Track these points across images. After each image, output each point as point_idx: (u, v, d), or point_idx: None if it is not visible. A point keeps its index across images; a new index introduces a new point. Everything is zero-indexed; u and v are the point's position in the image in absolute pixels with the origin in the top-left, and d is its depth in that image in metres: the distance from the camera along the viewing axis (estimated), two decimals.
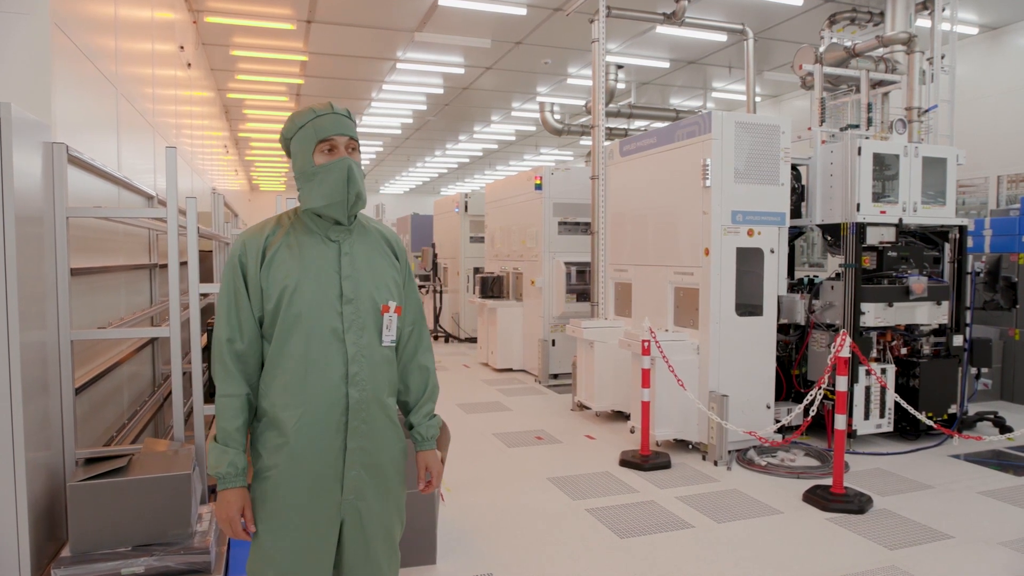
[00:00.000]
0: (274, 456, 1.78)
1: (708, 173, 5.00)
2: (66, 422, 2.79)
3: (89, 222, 3.38)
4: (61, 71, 3.04)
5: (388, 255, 1.93)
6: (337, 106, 1.83)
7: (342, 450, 1.79)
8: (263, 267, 1.79)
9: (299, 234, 1.83)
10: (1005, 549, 3.58)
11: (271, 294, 1.77)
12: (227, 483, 1.74)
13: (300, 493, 1.77)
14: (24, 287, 2.42)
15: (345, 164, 1.79)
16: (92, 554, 2.38)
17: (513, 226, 8.98)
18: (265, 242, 1.81)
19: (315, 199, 1.80)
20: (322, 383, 1.77)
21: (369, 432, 1.82)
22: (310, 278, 1.78)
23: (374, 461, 1.84)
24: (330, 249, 1.83)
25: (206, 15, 8.49)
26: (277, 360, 1.78)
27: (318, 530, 1.79)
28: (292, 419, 1.76)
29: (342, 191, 1.78)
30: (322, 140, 1.79)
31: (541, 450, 5.40)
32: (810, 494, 4.24)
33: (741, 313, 5.16)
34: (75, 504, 2.41)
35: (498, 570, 3.35)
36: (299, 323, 1.76)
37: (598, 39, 6.74)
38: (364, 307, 1.82)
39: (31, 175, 2.55)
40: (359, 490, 1.82)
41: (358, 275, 1.83)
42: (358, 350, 1.80)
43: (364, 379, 1.81)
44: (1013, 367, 6.87)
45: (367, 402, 1.81)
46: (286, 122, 1.87)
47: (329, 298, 1.79)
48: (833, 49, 6.74)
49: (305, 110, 1.83)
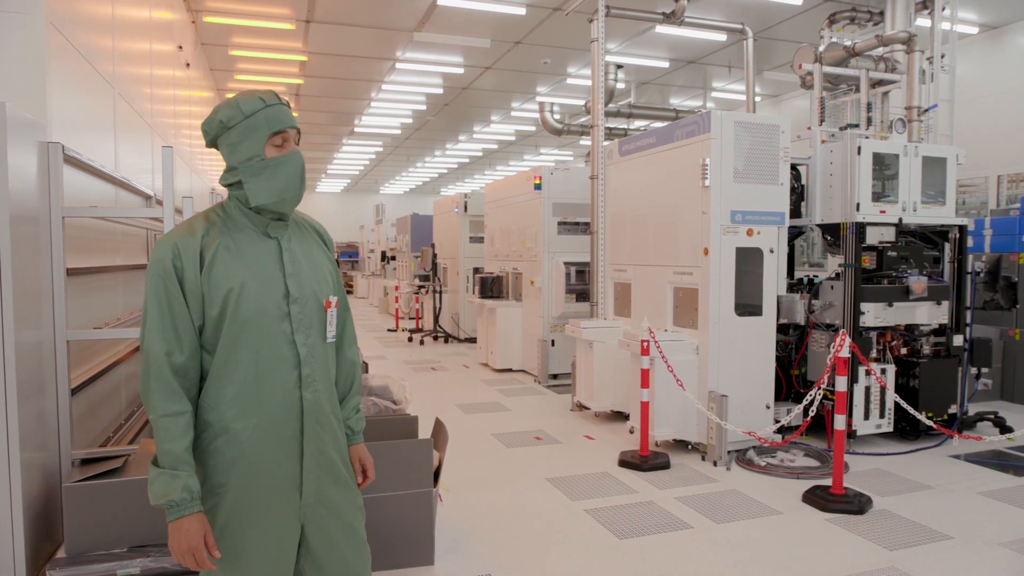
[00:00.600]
0: (225, 473, 1.67)
1: (707, 173, 4.99)
2: (62, 422, 2.78)
3: (86, 222, 3.37)
4: (57, 71, 3.03)
5: (323, 247, 1.87)
6: (280, 96, 1.75)
7: (299, 455, 1.73)
8: (203, 271, 1.65)
9: (233, 232, 1.72)
10: (1005, 550, 3.57)
11: (214, 300, 1.64)
12: (183, 510, 1.58)
13: (258, 506, 1.69)
14: (19, 287, 2.41)
15: (299, 159, 1.73)
16: (88, 555, 2.38)
17: (513, 226, 8.97)
18: (201, 243, 1.67)
19: (265, 194, 1.69)
20: (277, 389, 1.69)
21: (323, 434, 1.77)
22: (254, 279, 1.68)
23: (329, 461, 1.79)
24: (270, 246, 1.74)
25: (205, 15, 8.49)
26: (225, 370, 1.66)
27: (278, 540, 1.72)
28: (247, 430, 1.66)
29: (295, 186, 1.72)
30: (276, 132, 1.70)
31: (540, 450, 5.39)
32: (809, 494, 4.23)
33: (740, 313, 5.15)
34: (71, 505, 2.41)
35: (496, 571, 3.34)
36: (248, 328, 1.66)
37: (597, 39, 6.73)
38: (310, 305, 1.75)
39: (26, 175, 2.54)
40: (318, 492, 1.77)
41: (301, 272, 1.76)
42: (308, 351, 1.74)
43: (316, 380, 1.75)
44: (1013, 367, 6.86)
45: (319, 403, 1.76)
46: (222, 108, 1.71)
47: (276, 299, 1.70)
48: (833, 48, 6.73)
49: (250, 98, 1.70)
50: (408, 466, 3.22)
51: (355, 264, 26.31)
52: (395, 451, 3.20)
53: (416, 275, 12.98)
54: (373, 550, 2.26)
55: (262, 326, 1.68)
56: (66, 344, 2.79)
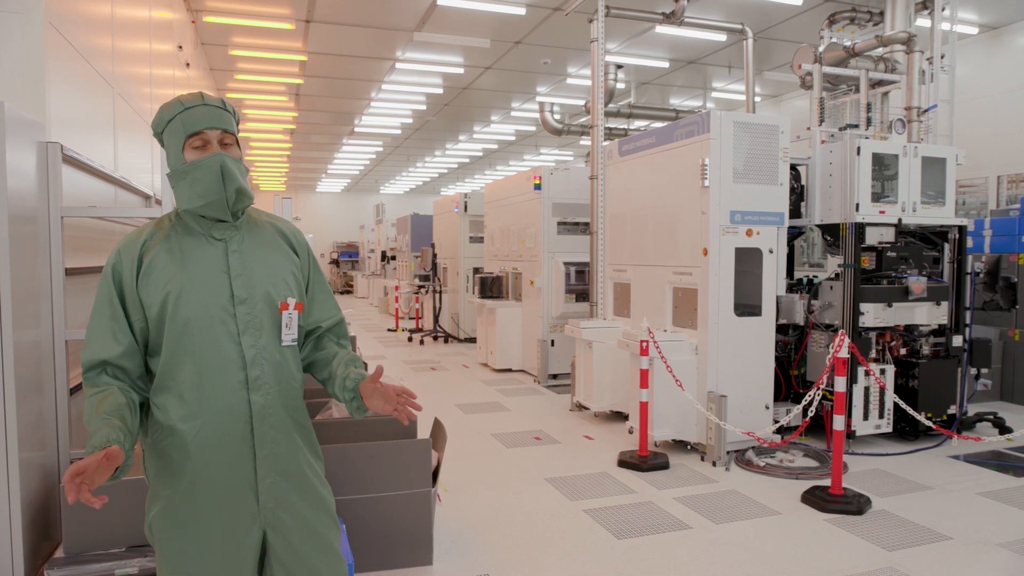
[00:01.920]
0: (174, 474, 1.66)
1: (706, 173, 4.99)
2: (61, 422, 2.78)
3: (85, 222, 3.37)
4: (56, 70, 3.03)
5: (285, 250, 1.82)
6: (209, 96, 1.71)
7: (251, 459, 1.69)
8: (140, 275, 1.66)
9: (180, 236, 1.71)
10: (1004, 550, 3.56)
11: (152, 304, 1.65)
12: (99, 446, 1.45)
13: (207, 508, 1.66)
14: (17, 286, 2.41)
15: (217, 160, 1.66)
16: (86, 555, 2.38)
17: (512, 226, 8.97)
18: (141, 249, 1.68)
19: (190, 199, 1.67)
20: (220, 390, 1.66)
21: (280, 438, 1.73)
22: (194, 281, 1.67)
23: (291, 468, 1.74)
24: (215, 249, 1.71)
25: (205, 15, 8.49)
26: (169, 370, 1.66)
27: (232, 544, 1.67)
28: (192, 431, 1.64)
29: (218, 189, 1.65)
30: (191, 135, 1.66)
31: (539, 450, 5.39)
32: (808, 495, 4.23)
33: (740, 313, 5.14)
34: (69, 505, 2.41)
35: (494, 571, 3.34)
36: (188, 329, 1.64)
37: (597, 39, 6.73)
38: (259, 307, 1.71)
39: (25, 174, 2.54)
40: (279, 498, 1.72)
41: (250, 273, 1.72)
42: (257, 352, 1.69)
43: (267, 382, 1.70)
44: (1013, 368, 6.86)
45: (272, 407, 1.71)
46: (155, 114, 1.72)
47: (219, 300, 1.67)
48: (832, 49, 6.73)
49: (173, 102, 1.69)
50: (406, 466, 3.22)
51: (355, 264, 26.32)
52: (393, 451, 3.20)
53: (416, 275, 12.98)
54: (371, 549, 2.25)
55: (204, 328, 1.65)
56: (64, 344, 2.79)
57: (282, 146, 18.77)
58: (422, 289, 12.47)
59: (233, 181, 1.66)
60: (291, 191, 27.91)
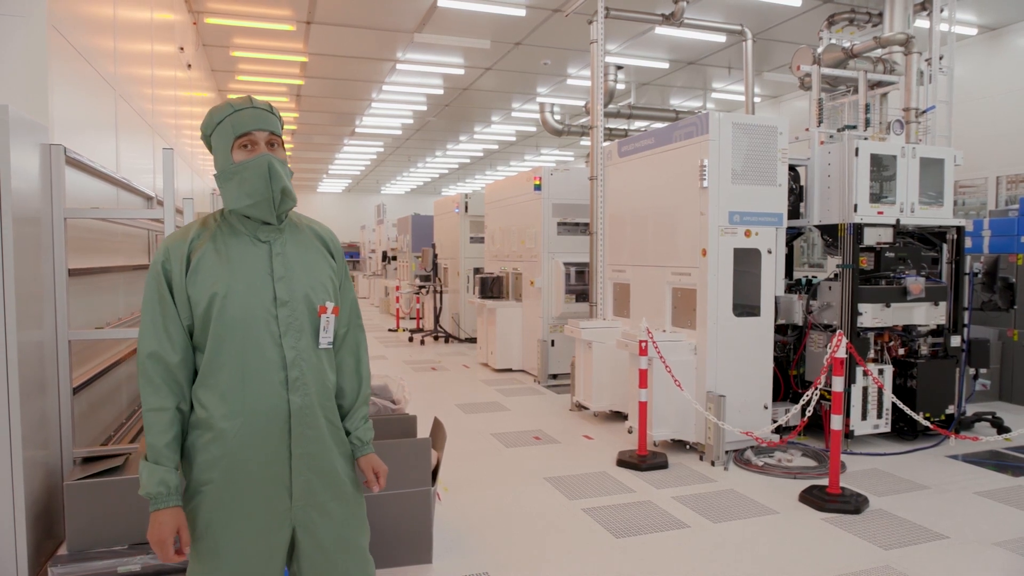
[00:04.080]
0: (211, 470, 1.69)
1: (705, 174, 5.01)
2: (64, 421, 2.81)
3: (88, 223, 3.40)
4: (59, 73, 3.06)
5: (323, 254, 1.86)
6: (257, 100, 1.75)
7: (287, 458, 1.73)
8: (188, 273, 1.70)
9: (226, 236, 1.75)
10: (1000, 550, 3.58)
11: (199, 301, 1.69)
12: (159, 503, 1.63)
13: (243, 505, 1.69)
14: (21, 287, 2.44)
15: (264, 160, 1.70)
16: (89, 552, 2.40)
17: (512, 226, 9.00)
18: (189, 247, 1.72)
19: (238, 199, 1.71)
20: (262, 390, 1.70)
21: (315, 437, 1.76)
22: (240, 282, 1.70)
23: (324, 467, 1.78)
24: (260, 250, 1.75)
25: (206, 16, 8.52)
26: (212, 368, 1.70)
27: (264, 541, 1.71)
28: (233, 429, 1.68)
29: (265, 189, 1.70)
30: (240, 136, 1.71)
31: (539, 450, 5.41)
32: (806, 494, 4.25)
33: (738, 314, 5.16)
34: (72, 502, 2.43)
35: (494, 569, 3.37)
36: (232, 329, 1.68)
37: (597, 40, 6.75)
38: (300, 309, 1.75)
39: (29, 176, 2.57)
40: (311, 497, 1.76)
41: (292, 276, 1.76)
42: (297, 354, 1.74)
43: (306, 383, 1.74)
44: (1011, 368, 6.87)
45: (310, 407, 1.75)
46: (205, 117, 1.78)
47: (263, 302, 1.72)
48: (831, 50, 6.76)
49: (223, 105, 1.75)
50: (406, 465, 3.24)
51: (356, 264, 26.34)
52: (393, 450, 3.22)
53: (417, 275, 13.00)
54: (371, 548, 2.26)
55: (248, 328, 1.69)
56: (68, 344, 2.81)
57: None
58: (423, 289, 12.49)
59: (279, 181, 1.71)
60: None
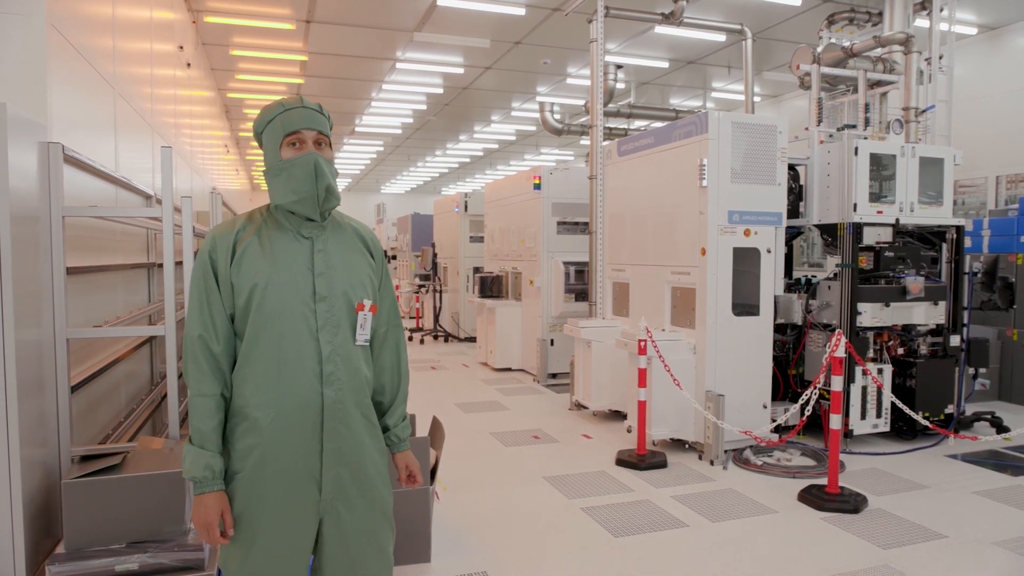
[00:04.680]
0: (245, 459, 1.74)
1: (704, 173, 5.01)
2: (62, 419, 2.81)
3: (87, 221, 3.40)
4: (57, 71, 3.06)
5: (363, 253, 1.90)
6: (307, 100, 1.81)
7: (319, 451, 1.76)
8: (233, 263, 1.75)
9: (271, 230, 1.80)
10: (999, 549, 3.58)
11: (241, 291, 1.74)
12: (204, 487, 1.70)
13: (274, 494, 1.73)
14: (19, 286, 2.44)
15: (311, 158, 1.75)
16: (86, 551, 2.40)
17: (512, 226, 8.99)
18: (235, 238, 1.78)
19: (284, 195, 1.77)
20: (296, 382, 1.73)
21: (347, 433, 1.79)
22: (281, 275, 1.75)
23: (355, 462, 1.81)
24: (302, 246, 1.80)
25: (206, 15, 8.52)
26: (249, 358, 1.74)
27: (293, 531, 1.75)
28: (266, 418, 1.73)
29: (310, 186, 1.74)
30: (288, 134, 1.76)
31: (538, 449, 5.41)
32: (805, 494, 4.25)
33: (738, 313, 5.16)
34: (70, 501, 2.43)
35: (492, 568, 3.37)
36: (271, 321, 1.73)
37: (596, 39, 6.75)
38: (338, 305, 1.79)
39: (27, 174, 2.57)
40: (340, 490, 1.79)
41: (332, 272, 1.80)
42: (333, 349, 1.77)
43: (340, 378, 1.77)
44: (1011, 367, 6.87)
45: (343, 402, 1.78)
46: (257, 116, 1.84)
47: (302, 295, 1.76)
48: (831, 49, 6.75)
49: (274, 104, 1.81)
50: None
51: None
52: None
53: (416, 274, 12.99)
54: None
55: (285, 320, 1.74)
56: (66, 342, 2.81)
57: None
58: (422, 288, 12.49)
59: (324, 179, 1.76)
60: None
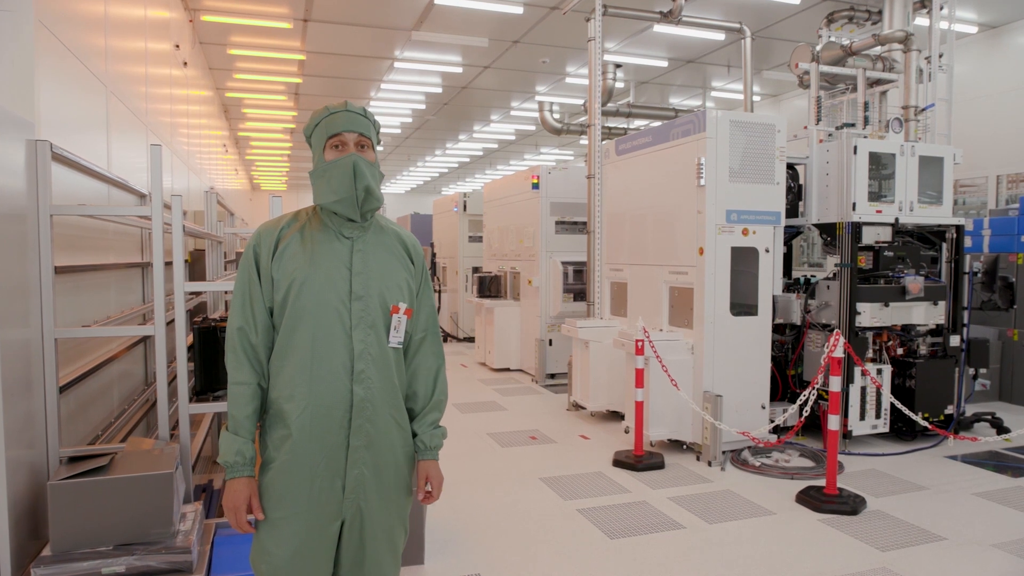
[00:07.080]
0: (278, 449, 1.79)
1: (702, 172, 4.98)
2: (50, 420, 2.78)
3: (78, 220, 3.37)
4: (47, 69, 3.03)
5: (403, 257, 1.93)
6: (352, 104, 1.86)
7: (345, 447, 1.79)
8: (275, 258, 1.82)
9: (314, 229, 1.86)
10: (999, 551, 3.55)
11: (280, 285, 1.80)
12: (234, 472, 1.76)
13: (301, 487, 1.77)
14: (5, 284, 2.41)
15: (351, 160, 1.79)
16: (73, 553, 2.37)
17: (511, 226, 8.96)
18: (279, 234, 1.84)
19: (325, 195, 1.82)
20: (327, 377, 1.77)
21: (373, 432, 1.82)
22: (319, 272, 1.80)
23: (378, 462, 1.83)
24: (343, 246, 1.84)
25: (202, 14, 8.49)
26: (284, 350, 1.80)
27: (317, 525, 1.79)
28: (296, 411, 1.77)
29: (349, 187, 1.78)
30: (331, 136, 1.81)
31: (534, 450, 5.38)
32: (803, 495, 4.21)
33: (736, 313, 5.13)
34: (56, 503, 2.40)
35: (486, 570, 3.34)
36: (306, 316, 1.78)
37: (595, 38, 6.71)
38: (373, 305, 1.83)
39: (13, 172, 2.54)
40: (360, 490, 1.81)
41: (369, 273, 1.84)
42: (365, 347, 1.80)
43: (370, 377, 1.81)
44: (1011, 368, 6.83)
45: (372, 401, 1.81)
46: (308, 120, 1.92)
47: (338, 293, 1.80)
48: (830, 48, 6.72)
49: (322, 108, 1.87)
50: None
51: None
52: None
53: None
54: None
55: (320, 316, 1.78)
56: (54, 342, 2.78)
57: (282, 145, 18.77)
58: None
59: (363, 180, 1.79)
60: (292, 190, 27.94)
